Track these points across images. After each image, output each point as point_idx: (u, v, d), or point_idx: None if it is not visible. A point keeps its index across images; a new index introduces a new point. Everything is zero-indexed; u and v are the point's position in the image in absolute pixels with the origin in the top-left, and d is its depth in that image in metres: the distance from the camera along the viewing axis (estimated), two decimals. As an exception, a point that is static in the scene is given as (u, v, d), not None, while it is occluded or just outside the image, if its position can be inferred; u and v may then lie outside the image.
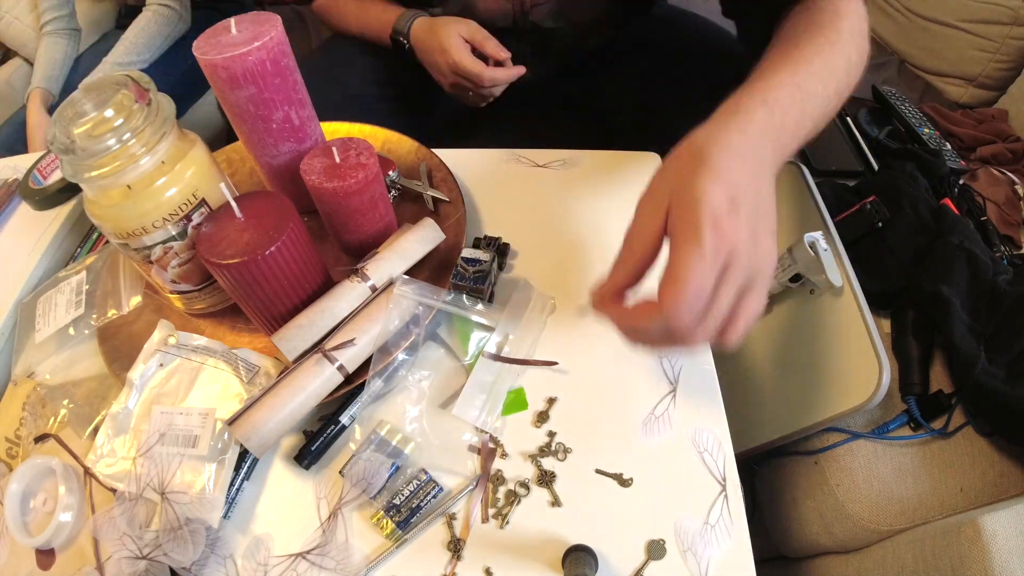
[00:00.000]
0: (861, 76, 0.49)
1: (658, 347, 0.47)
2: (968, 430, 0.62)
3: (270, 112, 0.49)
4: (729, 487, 0.45)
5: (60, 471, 0.44)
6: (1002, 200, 0.82)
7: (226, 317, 0.54)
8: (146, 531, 0.41)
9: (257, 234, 0.43)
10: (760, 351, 0.73)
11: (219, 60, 0.44)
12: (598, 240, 0.60)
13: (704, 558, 0.41)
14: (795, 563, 0.72)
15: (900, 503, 0.59)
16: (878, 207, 0.73)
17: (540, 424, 0.48)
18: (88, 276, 0.56)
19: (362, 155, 0.50)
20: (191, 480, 0.42)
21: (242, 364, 0.47)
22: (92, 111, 0.41)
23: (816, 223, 0.68)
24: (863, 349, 0.57)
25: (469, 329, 0.52)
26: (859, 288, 0.60)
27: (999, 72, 1.08)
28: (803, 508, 0.67)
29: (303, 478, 0.46)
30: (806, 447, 0.66)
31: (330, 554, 0.42)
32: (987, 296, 0.64)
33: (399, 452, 0.46)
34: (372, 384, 0.47)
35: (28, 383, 0.52)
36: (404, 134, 0.66)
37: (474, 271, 0.51)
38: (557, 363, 0.51)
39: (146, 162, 0.42)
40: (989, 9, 1.05)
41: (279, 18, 0.47)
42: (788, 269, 0.64)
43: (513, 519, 0.44)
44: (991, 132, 0.97)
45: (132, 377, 0.46)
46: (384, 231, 0.55)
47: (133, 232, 0.43)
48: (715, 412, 0.48)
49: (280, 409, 0.43)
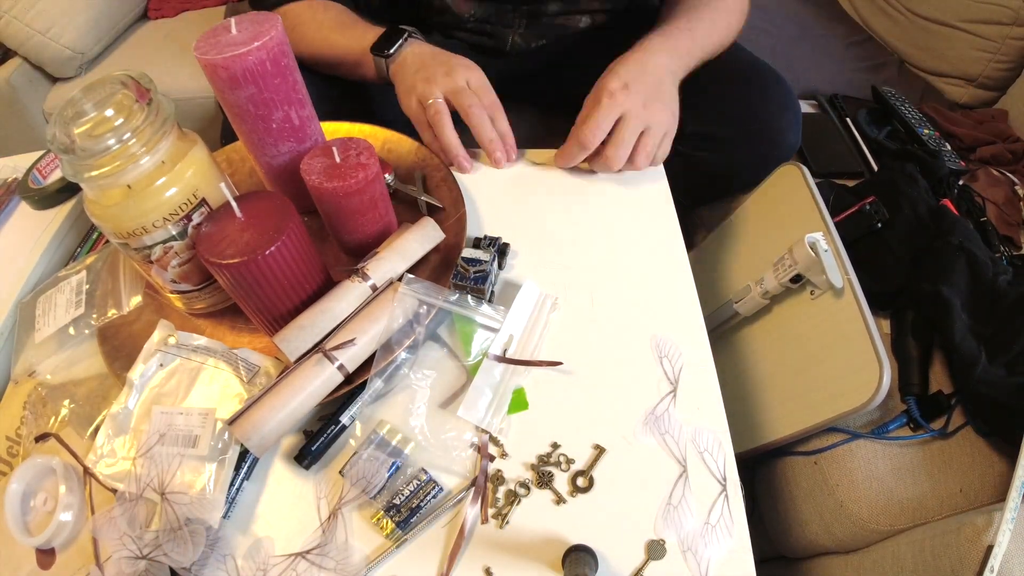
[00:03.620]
0: (737, 27, 0.77)
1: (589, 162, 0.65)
2: (968, 430, 0.62)
3: (270, 112, 0.49)
4: (729, 487, 0.45)
5: (60, 470, 0.44)
6: (1002, 201, 0.82)
7: (226, 317, 0.54)
8: (146, 531, 0.41)
9: (257, 234, 0.43)
10: (760, 351, 0.73)
11: (219, 60, 0.44)
12: (598, 239, 0.60)
13: (704, 558, 0.41)
14: (795, 563, 0.72)
15: (900, 503, 0.59)
16: (878, 208, 0.73)
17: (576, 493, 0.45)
18: (88, 276, 0.56)
19: (362, 155, 0.50)
20: (191, 480, 0.42)
21: (242, 364, 0.47)
22: (92, 111, 0.41)
23: (816, 223, 0.68)
24: (863, 350, 0.57)
25: (471, 329, 0.51)
26: (859, 288, 0.60)
27: (999, 72, 1.08)
28: (803, 508, 0.67)
29: (303, 478, 0.46)
30: (806, 447, 0.66)
31: (330, 554, 0.42)
32: (987, 296, 0.64)
33: (399, 452, 0.46)
34: (373, 384, 0.47)
35: (29, 382, 0.52)
36: (404, 134, 0.66)
37: (474, 271, 0.51)
38: (562, 363, 0.51)
39: (146, 162, 0.42)
40: (989, 9, 1.05)
41: (279, 18, 0.47)
42: (789, 270, 0.64)
43: (513, 519, 0.44)
44: (991, 133, 0.97)
45: (132, 377, 0.46)
46: (384, 231, 0.55)
47: (133, 232, 0.43)
48: (715, 412, 0.48)
49: (280, 409, 0.43)
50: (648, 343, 0.52)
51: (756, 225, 0.81)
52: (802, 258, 0.62)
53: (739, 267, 0.82)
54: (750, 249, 0.81)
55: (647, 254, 0.59)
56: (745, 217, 0.84)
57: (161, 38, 1.39)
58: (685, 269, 0.58)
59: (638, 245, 0.60)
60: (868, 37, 1.29)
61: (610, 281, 0.57)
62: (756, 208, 0.82)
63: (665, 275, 0.57)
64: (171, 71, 1.27)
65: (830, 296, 0.63)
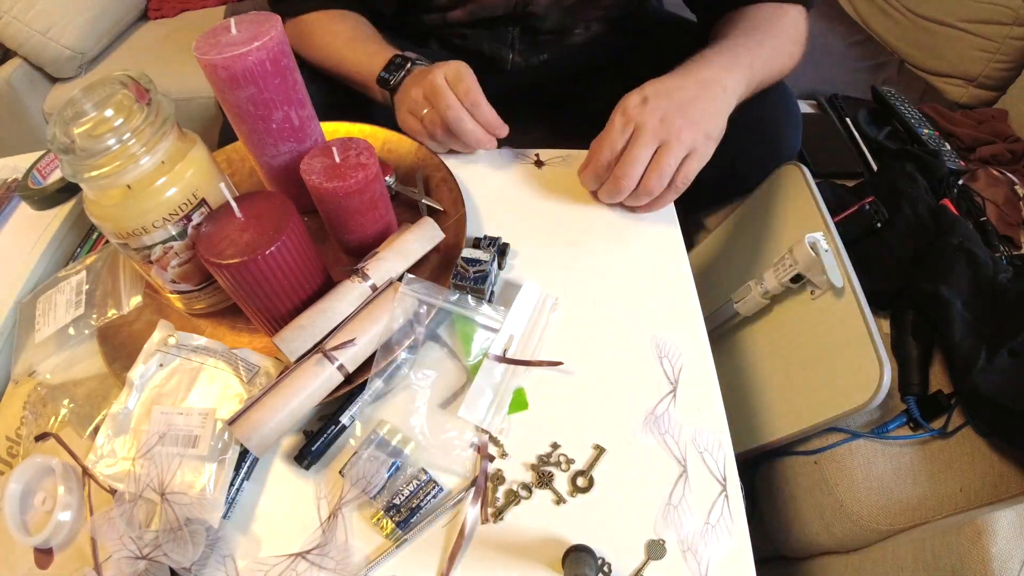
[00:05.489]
0: (798, 56, 0.70)
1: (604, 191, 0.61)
2: (968, 430, 0.62)
3: (270, 112, 0.49)
4: (729, 487, 0.45)
5: (59, 470, 0.44)
6: (1002, 200, 0.82)
7: (226, 317, 0.54)
8: (146, 531, 0.41)
9: (257, 234, 0.43)
10: (760, 351, 0.73)
11: (219, 60, 0.44)
12: (598, 239, 0.60)
13: (704, 558, 0.41)
14: (795, 563, 0.72)
15: (900, 503, 0.59)
16: (877, 207, 0.73)
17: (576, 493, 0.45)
18: (88, 276, 0.56)
19: (362, 155, 0.50)
20: (191, 480, 0.42)
21: (242, 364, 0.47)
22: (92, 111, 0.41)
23: (816, 223, 0.68)
24: (863, 349, 0.57)
25: (471, 329, 0.51)
26: (860, 288, 0.60)
27: (999, 72, 1.08)
28: (803, 508, 0.67)
29: (303, 478, 0.46)
30: (806, 447, 0.66)
31: (330, 554, 0.42)
32: (988, 295, 0.64)
33: (399, 452, 0.46)
34: (373, 384, 0.47)
35: (29, 382, 0.52)
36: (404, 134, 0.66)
37: (474, 271, 0.51)
38: (562, 363, 0.51)
39: (146, 162, 0.42)
40: (989, 9, 1.05)
41: (279, 18, 0.47)
42: (789, 269, 0.64)
43: (513, 519, 0.44)
44: (991, 132, 0.97)
45: (132, 377, 0.46)
46: (384, 231, 0.55)
47: (133, 232, 0.43)
48: (715, 412, 0.48)
49: (280, 409, 0.43)
50: (648, 343, 0.52)
51: (756, 225, 0.81)
52: (802, 258, 0.62)
53: (739, 267, 0.82)
54: (750, 249, 0.81)
55: (647, 254, 0.59)
56: (745, 217, 0.84)
57: (161, 38, 1.39)
58: (685, 269, 0.58)
59: (638, 244, 0.60)
60: (868, 37, 1.29)
61: (610, 281, 0.57)
62: (756, 208, 0.82)
63: (665, 275, 0.57)
64: (171, 71, 1.27)
65: (830, 296, 0.63)
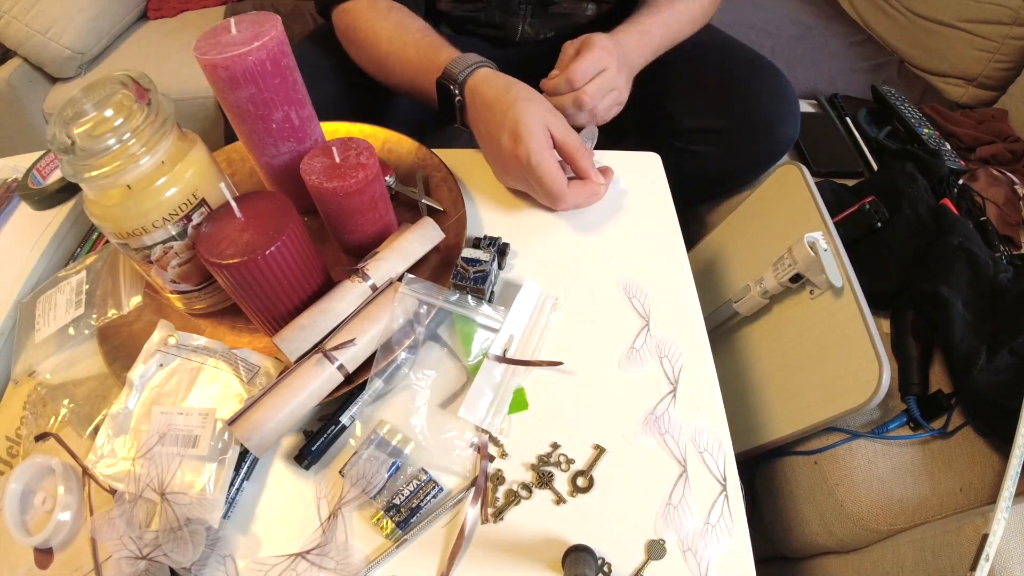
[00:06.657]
0: (705, 21, 0.80)
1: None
2: (968, 430, 0.62)
3: (270, 112, 0.49)
4: (729, 487, 0.45)
5: (59, 470, 0.44)
6: (1002, 200, 0.82)
7: (226, 317, 0.54)
8: (146, 531, 0.41)
9: (257, 234, 0.43)
10: (760, 351, 0.73)
11: (219, 60, 0.44)
12: (598, 239, 0.60)
13: (704, 558, 0.41)
14: (795, 563, 0.72)
15: (900, 503, 0.59)
16: (877, 207, 0.73)
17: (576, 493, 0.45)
18: (88, 276, 0.56)
19: (362, 155, 0.50)
20: (191, 480, 0.42)
21: (242, 364, 0.47)
22: (92, 111, 0.41)
23: (816, 223, 0.68)
24: (863, 349, 0.57)
25: (471, 330, 0.51)
26: (859, 288, 0.60)
27: (999, 72, 1.08)
28: (803, 508, 0.67)
29: (303, 478, 0.46)
30: (806, 447, 0.66)
31: (330, 554, 0.42)
32: (988, 294, 0.64)
33: (399, 452, 0.46)
34: (373, 384, 0.47)
35: (29, 382, 0.52)
36: (403, 133, 0.66)
37: (474, 271, 0.51)
38: (562, 363, 0.51)
39: (146, 162, 0.42)
40: (989, 9, 1.05)
41: (279, 18, 0.47)
42: (788, 269, 0.64)
43: (513, 519, 0.44)
44: (991, 132, 0.97)
45: (132, 377, 0.46)
46: (384, 231, 0.55)
47: (133, 232, 0.43)
48: (715, 412, 0.48)
49: (280, 409, 0.43)
50: (648, 343, 0.52)
51: (756, 225, 0.81)
52: (802, 257, 0.62)
53: (739, 267, 0.82)
54: (750, 249, 0.81)
55: (647, 253, 0.59)
56: (745, 217, 0.84)
57: (161, 38, 1.39)
58: (685, 269, 0.58)
59: (638, 245, 0.60)
60: (868, 37, 1.29)
61: (610, 281, 0.57)
62: (756, 208, 0.82)
63: (665, 275, 0.57)
64: (171, 71, 1.27)
65: (830, 296, 0.63)
